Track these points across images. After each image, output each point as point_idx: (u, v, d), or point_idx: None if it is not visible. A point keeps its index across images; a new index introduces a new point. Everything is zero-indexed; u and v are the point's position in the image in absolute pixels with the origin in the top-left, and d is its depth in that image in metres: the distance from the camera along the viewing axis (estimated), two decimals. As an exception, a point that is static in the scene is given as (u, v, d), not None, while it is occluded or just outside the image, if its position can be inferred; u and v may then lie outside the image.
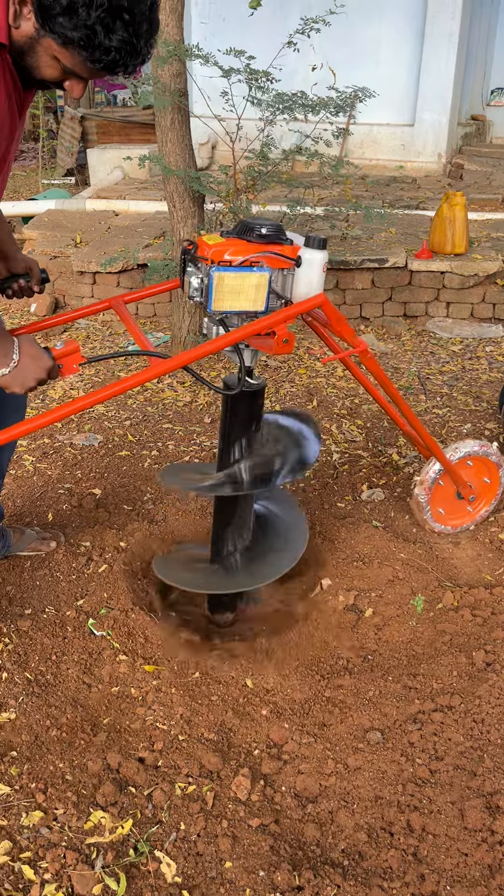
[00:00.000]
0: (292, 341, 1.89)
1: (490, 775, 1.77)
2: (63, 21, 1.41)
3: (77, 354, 1.77)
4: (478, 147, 9.26)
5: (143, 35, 1.47)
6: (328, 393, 3.99)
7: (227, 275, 1.80)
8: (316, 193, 5.98)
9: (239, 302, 1.85)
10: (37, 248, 5.52)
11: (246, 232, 1.87)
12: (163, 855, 1.62)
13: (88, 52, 1.45)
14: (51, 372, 1.72)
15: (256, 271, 1.83)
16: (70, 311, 2.17)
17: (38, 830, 1.65)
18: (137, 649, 2.19)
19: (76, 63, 1.49)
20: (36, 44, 1.49)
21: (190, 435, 3.50)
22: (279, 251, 1.86)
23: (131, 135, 9.30)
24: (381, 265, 4.85)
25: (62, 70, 1.53)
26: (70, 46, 1.45)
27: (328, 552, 2.65)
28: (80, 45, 1.44)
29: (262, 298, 1.86)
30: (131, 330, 1.97)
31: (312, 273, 1.89)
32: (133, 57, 1.48)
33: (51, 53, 1.50)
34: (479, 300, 4.97)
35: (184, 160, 3.79)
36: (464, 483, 2.64)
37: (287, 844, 1.66)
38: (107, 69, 1.49)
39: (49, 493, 2.97)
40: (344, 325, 2.04)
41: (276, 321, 1.86)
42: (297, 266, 1.89)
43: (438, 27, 7.91)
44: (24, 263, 2.10)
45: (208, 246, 1.83)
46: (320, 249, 1.88)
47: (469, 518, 2.74)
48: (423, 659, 2.19)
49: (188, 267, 1.90)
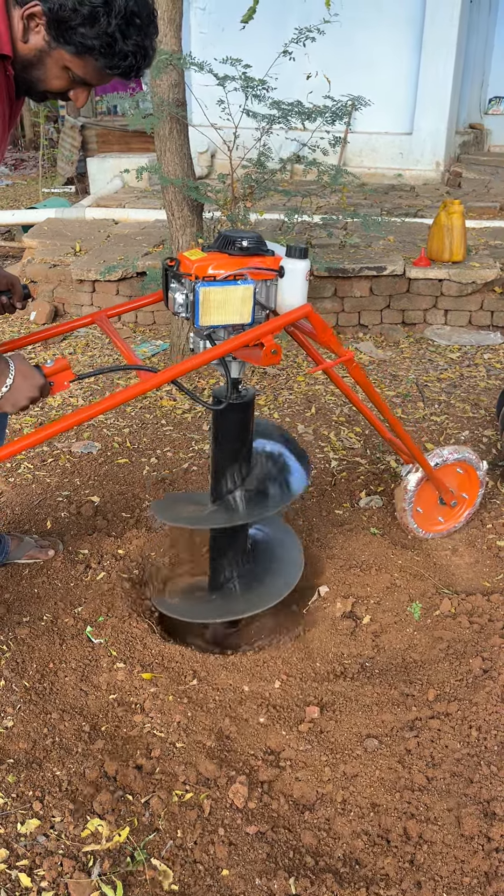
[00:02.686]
0: (280, 352, 1.90)
1: (487, 782, 1.77)
2: (84, 31, 1.44)
3: (68, 371, 1.78)
4: (476, 155, 9.30)
5: (151, 37, 1.52)
6: (326, 400, 4.00)
7: (213, 290, 1.81)
8: (314, 202, 6.01)
9: (225, 316, 1.86)
10: (36, 256, 5.54)
11: (227, 245, 1.88)
12: (160, 863, 1.62)
13: (107, 59, 1.49)
14: (43, 390, 1.73)
15: (241, 284, 1.84)
16: (53, 327, 2.17)
17: (35, 838, 1.65)
18: (135, 657, 2.19)
19: (90, 71, 1.53)
20: (46, 56, 1.52)
21: (188, 442, 3.51)
22: (261, 263, 1.87)
23: (131, 144, 9.35)
24: (380, 273, 4.87)
25: (71, 80, 1.56)
26: (87, 55, 1.49)
27: (326, 559, 2.65)
28: (100, 52, 1.47)
29: (248, 311, 1.87)
30: (117, 344, 1.98)
31: (296, 282, 1.91)
32: (145, 60, 1.54)
33: (61, 64, 1.52)
34: (477, 308, 4.99)
35: (182, 169, 3.81)
36: (446, 489, 2.65)
37: (284, 852, 1.66)
38: (123, 75, 1.54)
39: (47, 500, 2.98)
40: (330, 335, 2.05)
41: (263, 333, 1.87)
42: (280, 276, 1.90)
43: (436, 36, 7.96)
44: (6, 280, 2.10)
45: (191, 261, 1.84)
46: (302, 259, 1.89)
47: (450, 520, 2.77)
48: (420, 666, 2.19)
49: (171, 283, 1.91)
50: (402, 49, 8.23)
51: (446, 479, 2.66)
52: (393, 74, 8.25)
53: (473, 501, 2.75)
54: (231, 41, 6.00)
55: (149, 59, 1.54)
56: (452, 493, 2.69)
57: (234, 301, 1.84)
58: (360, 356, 4.66)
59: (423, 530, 2.73)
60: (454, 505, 2.73)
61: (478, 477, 2.71)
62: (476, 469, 2.69)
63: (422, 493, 2.66)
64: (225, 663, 2.20)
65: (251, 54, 4.08)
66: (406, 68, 8.28)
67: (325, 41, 4.24)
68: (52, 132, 11.10)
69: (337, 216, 4.66)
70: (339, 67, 7.35)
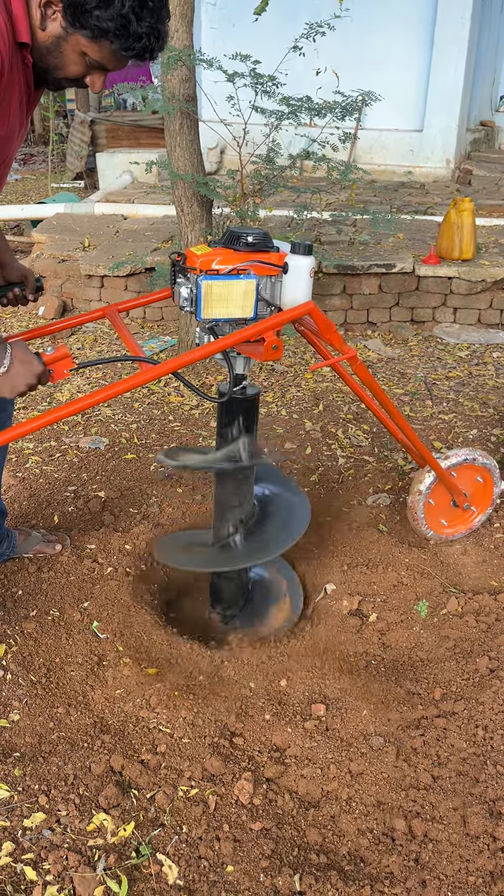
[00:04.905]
0: (281, 348, 1.91)
1: (493, 782, 1.77)
2: (99, 14, 1.47)
3: (67, 360, 1.79)
4: (486, 153, 9.26)
5: (164, 19, 1.55)
6: (334, 398, 3.99)
7: (215, 283, 1.83)
8: (323, 198, 5.99)
9: (227, 309, 1.88)
10: (45, 251, 5.55)
11: (233, 241, 1.91)
12: (165, 858, 1.62)
13: (122, 41, 1.51)
14: (41, 377, 1.74)
15: (243, 279, 1.85)
16: (65, 320, 2.19)
17: (41, 832, 1.65)
18: (142, 652, 2.19)
19: (106, 55, 1.55)
20: (63, 42, 1.54)
21: (196, 438, 3.51)
22: (265, 259, 1.89)
23: (140, 139, 9.33)
24: (389, 270, 4.85)
25: (87, 65, 1.58)
26: (102, 39, 1.51)
27: (333, 557, 2.65)
28: (115, 34, 1.49)
29: (251, 305, 1.88)
30: (124, 338, 2.00)
31: (299, 279, 1.91)
32: (159, 41, 1.56)
33: (78, 50, 1.55)
34: (487, 306, 4.97)
35: (192, 165, 3.80)
36: (458, 491, 2.64)
37: (289, 849, 1.66)
38: (138, 56, 1.56)
39: (55, 495, 2.98)
40: (333, 333, 2.06)
41: (265, 328, 1.88)
42: (284, 273, 1.91)
43: (448, 33, 7.92)
44: (20, 272, 2.12)
45: (196, 256, 1.87)
46: (306, 255, 1.90)
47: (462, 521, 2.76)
48: (426, 664, 2.19)
49: (178, 278, 1.94)
50: (414, 46, 8.20)
51: (463, 482, 2.66)
52: (404, 72, 8.22)
53: (485, 510, 2.74)
54: (241, 37, 6.00)
55: (162, 41, 1.56)
56: (465, 497, 2.68)
57: (236, 295, 1.86)
58: (368, 353, 4.65)
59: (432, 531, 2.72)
60: (466, 508, 2.72)
61: (492, 491, 2.71)
62: (494, 482, 2.69)
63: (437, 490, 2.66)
64: (231, 659, 2.20)
65: (261, 50, 4.07)
66: (417, 66, 8.25)
67: (337, 38, 4.23)
68: (61, 127, 11.09)
69: (346, 213, 4.64)
70: (349, 64, 7.35)
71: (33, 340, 4.57)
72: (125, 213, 6.56)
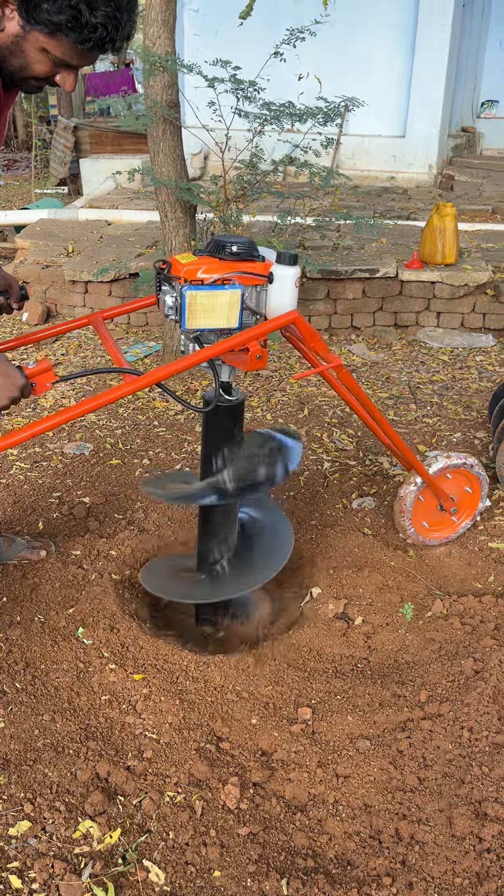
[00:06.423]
0: (265, 357, 1.91)
1: (478, 783, 1.78)
2: (48, 7, 1.44)
3: (50, 373, 1.79)
4: (468, 158, 9.33)
5: (124, 8, 1.49)
6: (319, 402, 4.01)
7: (200, 293, 1.82)
8: (307, 204, 6.01)
9: (212, 320, 1.87)
10: (29, 257, 5.53)
11: (218, 250, 1.89)
12: (151, 864, 1.62)
13: (77, 33, 1.48)
14: (24, 390, 1.74)
15: (228, 289, 1.84)
16: (50, 327, 2.18)
17: (27, 840, 1.64)
18: (127, 657, 2.18)
19: (66, 49, 1.52)
20: (22, 41, 1.51)
21: (181, 443, 3.51)
22: (251, 268, 1.88)
23: (124, 145, 9.33)
24: (372, 275, 4.88)
25: (53, 62, 1.55)
26: (58, 33, 1.48)
27: (318, 560, 2.66)
28: (68, 27, 1.46)
29: (235, 315, 1.88)
30: (108, 347, 2.00)
31: (284, 289, 1.91)
32: (118, 31, 1.51)
33: (39, 47, 1.52)
34: (469, 310, 5.00)
35: (175, 170, 3.81)
36: (445, 496, 2.66)
37: (276, 853, 1.66)
38: (96, 48, 1.52)
39: (40, 501, 2.97)
40: (317, 341, 2.07)
41: (249, 338, 1.88)
42: (269, 282, 1.91)
43: (429, 40, 7.98)
44: (4, 280, 2.10)
45: (181, 265, 1.86)
46: (291, 265, 1.89)
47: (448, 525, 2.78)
48: (412, 667, 2.20)
49: (163, 286, 1.93)
50: (396, 53, 8.26)
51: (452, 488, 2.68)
52: (386, 78, 8.27)
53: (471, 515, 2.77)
54: (225, 43, 6.02)
55: (123, 31, 1.52)
56: (453, 501, 2.69)
57: (220, 305, 1.85)
58: (352, 358, 4.67)
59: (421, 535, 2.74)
60: (454, 512, 2.73)
61: (477, 504, 2.73)
62: (481, 497, 2.71)
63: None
64: (217, 664, 2.20)
65: (245, 56, 4.08)
66: (399, 72, 8.30)
67: (320, 45, 4.26)
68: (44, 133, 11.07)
69: (330, 218, 4.66)
70: (333, 70, 7.39)
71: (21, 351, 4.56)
72: (109, 218, 6.55)
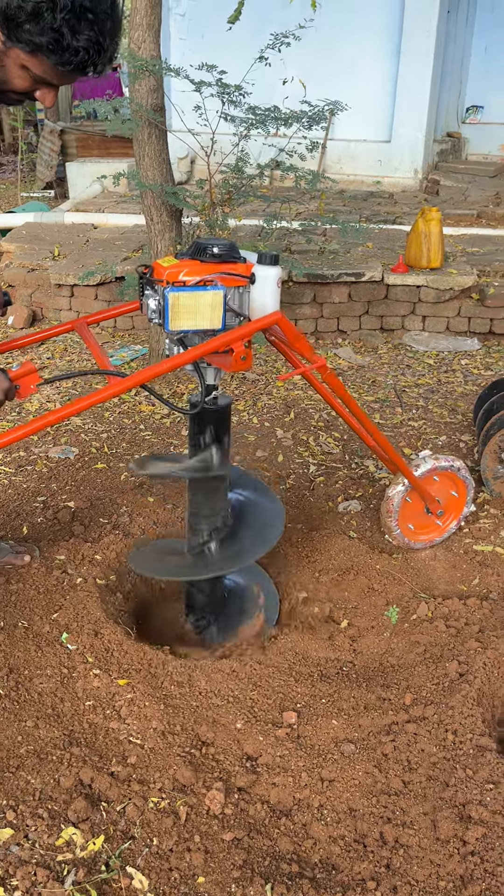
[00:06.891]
0: (250, 358, 1.91)
1: (462, 786, 1.78)
2: (30, 27, 1.42)
3: (34, 375, 1.80)
4: (453, 163, 9.38)
5: (107, 33, 1.48)
6: (305, 405, 4.01)
7: (182, 295, 1.83)
8: (293, 208, 6.03)
9: (195, 321, 1.88)
10: (15, 260, 5.51)
11: (199, 252, 1.91)
12: (135, 871, 1.60)
13: (58, 56, 1.47)
14: (7, 393, 1.75)
15: (210, 290, 1.85)
16: (35, 333, 2.18)
17: (9, 848, 1.63)
18: (112, 663, 2.17)
19: (46, 69, 1.51)
20: (3, 57, 1.50)
21: (167, 447, 3.50)
22: (232, 270, 1.89)
23: (111, 148, 9.32)
24: (358, 279, 4.89)
25: (33, 79, 1.54)
26: (39, 53, 1.47)
27: (304, 564, 2.66)
28: (49, 49, 1.45)
29: (218, 316, 1.89)
30: (93, 351, 2.00)
31: (266, 289, 1.92)
32: (100, 55, 1.50)
33: (19, 63, 1.51)
34: (455, 314, 5.03)
35: (161, 174, 3.81)
36: (431, 498, 2.66)
37: (260, 858, 1.65)
38: (77, 70, 1.51)
39: (24, 506, 2.95)
40: (302, 342, 2.07)
41: (232, 339, 1.89)
42: (251, 283, 1.92)
43: (414, 45, 8.03)
44: None
45: (163, 268, 1.87)
46: (273, 265, 1.90)
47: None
48: (397, 670, 2.20)
49: (146, 290, 1.94)
50: (381, 58, 8.30)
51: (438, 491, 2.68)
52: (372, 83, 8.30)
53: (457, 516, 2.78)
54: (211, 47, 6.02)
55: (105, 55, 1.51)
56: (438, 503, 2.70)
57: (203, 306, 1.86)
58: (339, 361, 4.67)
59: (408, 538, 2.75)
60: (439, 515, 2.74)
61: (462, 509, 2.74)
62: (466, 502, 2.72)
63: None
64: (202, 668, 2.19)
65: (231, 61, 4.09)
66: (385, 77, 8.34)
67: (306, 49, 4.27)
68: (31, 136, 11.04)
69: (316, 222, 4.68)
70: (319, 75, 7.41)
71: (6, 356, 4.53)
72: (95, 222, 6.54)
